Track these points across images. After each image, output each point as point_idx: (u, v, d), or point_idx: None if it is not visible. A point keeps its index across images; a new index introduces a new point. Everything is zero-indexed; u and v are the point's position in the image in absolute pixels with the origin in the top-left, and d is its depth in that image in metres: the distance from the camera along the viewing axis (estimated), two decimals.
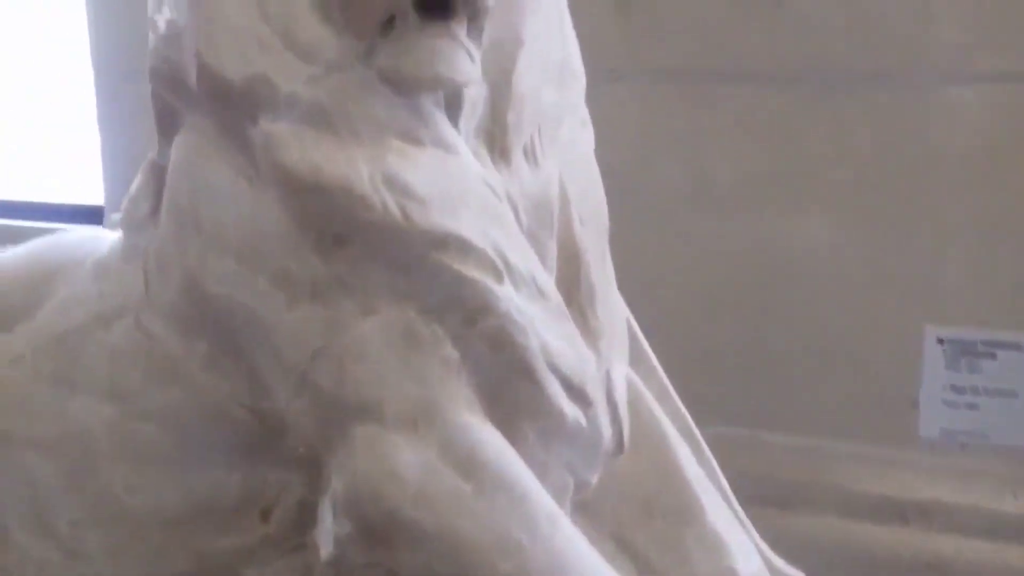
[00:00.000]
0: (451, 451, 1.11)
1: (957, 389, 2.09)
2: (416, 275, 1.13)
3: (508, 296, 1.14)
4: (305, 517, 1.26)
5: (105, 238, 1.47)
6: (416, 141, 1.15)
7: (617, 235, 2.18)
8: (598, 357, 1.23)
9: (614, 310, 1.30)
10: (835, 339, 2.14)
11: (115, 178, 3.01)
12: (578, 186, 1.29)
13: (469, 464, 1.10)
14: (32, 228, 3.11)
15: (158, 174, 1.33)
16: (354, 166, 1.12)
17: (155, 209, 1.33)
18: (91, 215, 3.18)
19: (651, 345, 1.42)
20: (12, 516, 1.42)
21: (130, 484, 1.32)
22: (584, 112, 1.35)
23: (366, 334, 1.14)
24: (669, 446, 1.32)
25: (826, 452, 2.10)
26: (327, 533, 1.14)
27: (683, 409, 1.40)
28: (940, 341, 2.07)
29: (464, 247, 1.12)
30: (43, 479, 1.37)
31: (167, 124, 1.30)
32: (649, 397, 1.35)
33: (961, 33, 2.01)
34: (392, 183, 1.12)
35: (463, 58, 1.13)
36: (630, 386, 1.32)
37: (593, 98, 2.17)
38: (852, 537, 2.06)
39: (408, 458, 1.10)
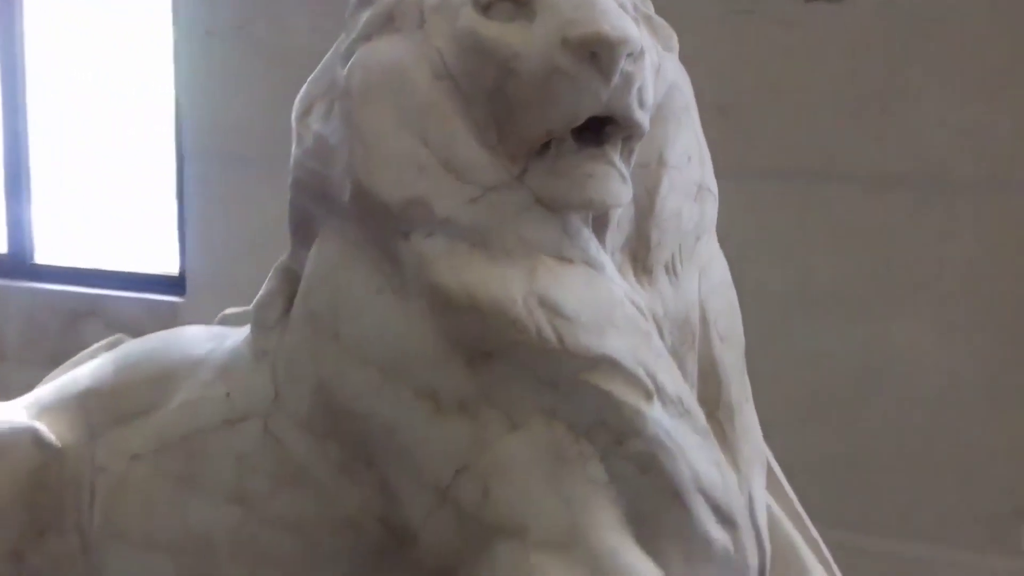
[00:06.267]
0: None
1: None
2: (565, 394, 1.12)
3: (657, 417, 1.12)
4: None
5: (222, 336, 1.47)
6: (565, 259, 1.15)
7: None
8: (739, 476, 1.21)
9: (751, 427, 1.28)
10: (940, 446, 2.11)
11: (195, 252, 3.05)
12: (717, 304, 1.28)
13: None
14: (108, 296, 3.18)
15: (291, 278, 1.34)
16: (507, 287, 1.12)
17: (285, 313, 1.33)
18: (169, 285, 3.24)
19: None
20: None
21: None
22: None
23: (512, 451, 1.13)
24: (807, 571, 1.29)
25: (929, 560, 2.06)
26: None
27: (816, 534, 1.37)
28: None
29: (614, 367, 1.12)
30: None
31: (303, 231, 1.32)
32: (786, 522, 1.33)
33: None
34: (544, 303, 1.11)
35: (616, 181, 1.14)
36: (767, 509, 1.29)
37: None
38: None
39: None
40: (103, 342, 1.72)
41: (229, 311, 1.58)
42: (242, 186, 2.91)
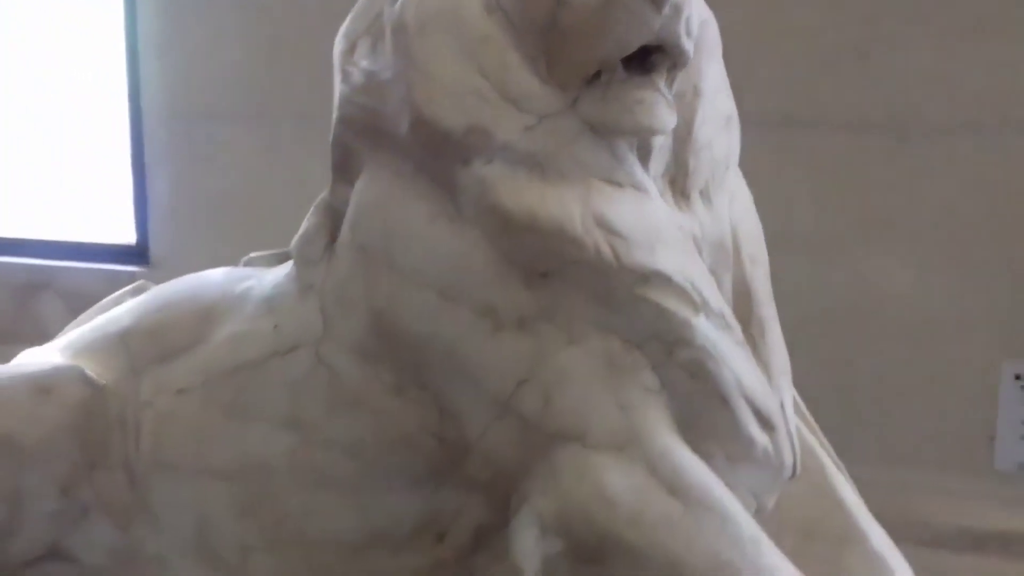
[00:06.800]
0: (658, 473, 1.18)
1: None
2: (619, 307, 1.21)
3: (704, 328, 1.22)
4: (480, 541, 1.33)
5: (257, 275, 1.51)
6: (615, 183, 1.23)
7: None
8: (772, 387, 1.30)
9: (779, 341, 1.37)
10: (915, 375, 2.24)
11: (159, 217, 3.05)
12: (746, 228, 1.37)
13: (676, 486, 1.17)
14: (64, 268, 3.17)
15: (332, 214, 1.39)
16: (566, 207, 1.20)
17: (328, 247, 1.38)
18: (128, 255, 3.19)
19: None
20: (173, 546, 1.46)
21: (308, 510, 1.37)
22: None
23: (570, 362, 1.21)
24: (827, 474, 1.40)
25: (906, 484, 2.18)
26: (530, 552, 1.20)
27: (825, 440, 1.47)
28: (1017, 377, 2.18)
29: (665, 282, 1.20)
30: (214, 507, 1.42)
31: (347, 168, 1.37)
32: (804, 427, 1.43)
33: None
34: (600, 222, 1.20)
35: (664, 108, 1.22)
36: None
37: None
38: (930, 565, 2.13)
39: (617, 479, 1.17)
40: (127, 288, 1.74)
41: (254, 254, 1.62)
42: (212, 148, 2.90)
